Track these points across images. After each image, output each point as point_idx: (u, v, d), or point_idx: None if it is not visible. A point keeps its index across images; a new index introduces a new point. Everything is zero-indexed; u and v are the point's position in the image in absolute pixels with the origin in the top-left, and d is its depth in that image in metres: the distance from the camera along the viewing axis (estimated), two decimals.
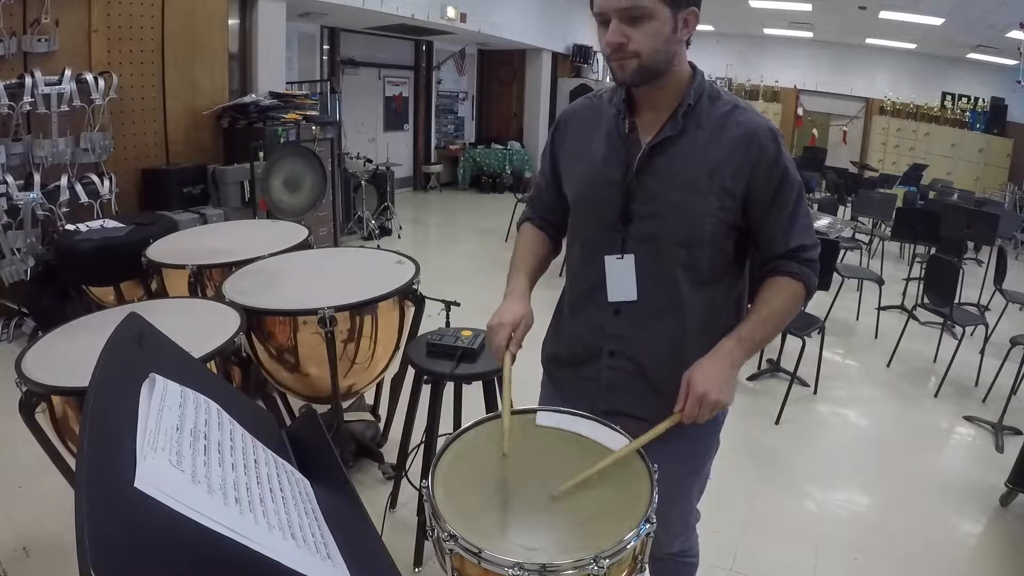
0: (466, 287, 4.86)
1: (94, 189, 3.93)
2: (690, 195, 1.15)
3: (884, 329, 4.64)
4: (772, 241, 1.20)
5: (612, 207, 1.20)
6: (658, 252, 1.18)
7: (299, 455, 0.90)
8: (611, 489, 1.01)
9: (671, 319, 1.20)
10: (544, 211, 1.41)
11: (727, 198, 1.15)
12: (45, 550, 2.09)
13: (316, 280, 2.29)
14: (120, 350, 0.73)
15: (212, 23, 4.97)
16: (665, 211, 1.16)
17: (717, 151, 1.14)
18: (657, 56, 1.09)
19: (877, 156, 11.96)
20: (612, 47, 1.09)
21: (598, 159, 1.23)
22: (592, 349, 1.27)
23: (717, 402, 1.09)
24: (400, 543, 2.09)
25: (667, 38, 1.09)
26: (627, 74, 1.11)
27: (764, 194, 1.16)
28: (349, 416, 2.73)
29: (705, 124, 1.16)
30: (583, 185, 1.25)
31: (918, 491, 2.75)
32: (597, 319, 1.25)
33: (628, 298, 1.21)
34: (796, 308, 1.22)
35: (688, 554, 1.53)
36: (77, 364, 1.52)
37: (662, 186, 1.16)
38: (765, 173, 1.15)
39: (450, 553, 0.91)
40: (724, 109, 1.16)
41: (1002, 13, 7.50)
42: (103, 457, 0.56)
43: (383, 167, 6.90)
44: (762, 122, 1.16)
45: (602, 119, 1.25)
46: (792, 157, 1.19)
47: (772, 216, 1.18)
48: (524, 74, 10.42)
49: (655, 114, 1.18)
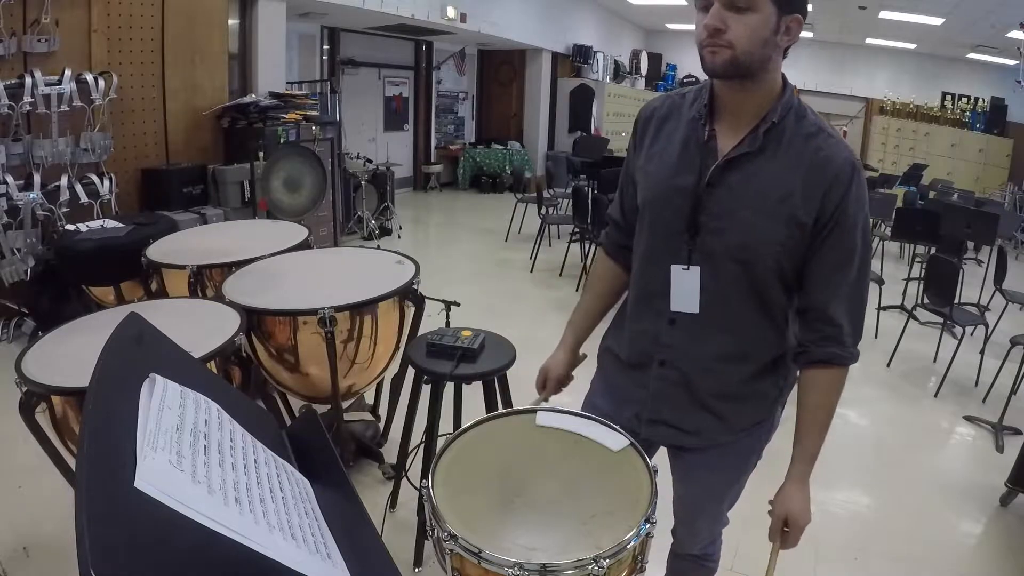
0: (466, 287, 4.86)
1: (94, 189, 3.93)
2: (757, 217, 1.10)
3: (884, 329, 4.64)
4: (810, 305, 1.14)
5: (679, 216, 1.16)
6: (718, 267, 1.15)
7: (299, 455, 0.90)
8: (611, 489, 1.02)
9: (725, 336, 1.19)
10: (624, 221, 1.36)
11: (795, 227, 1.09)
12: (45, 550, 2.09)
13: (316, 280, 2.29)
14: (120, 350, 0.73)
15: (212, 23, 4.97)
16: (731, 228, 1.12)
17: (793, 175, 1.09)
18: (752, 53, 1.04)
19: (877, 156, 11.96)
20: (709, 31, 1.03)
21: (672, 164, 1.18)
22: (645, 356, 1.26)
23: (806, 524, 1.15)
24: (400, 543, 2.09)
25: (766, 39, 1.04)
26: (717, 62, 1.05)
27: (820, 233, 1.10)
28: (349, 416, 2.73)
29: (787, 145, 1.10)
30: (654, 188, 1.21)
31: (918, 491, 2.75)
32: (652, 327, 1.24)
33: (690, 310, 1.18)
34: (839, 393, 1.19)
35: (710, 559, 1.54)
36: (77, 364, 1.52)
37: (732, 202, 1.12)
38: (829, 210, 1.08)
39: (450, 553, 0.91)
40: (809, 131, 1.11)
41: (1002, 13, 7.50)
42: (103, 457, 0.56)
43: (383, 167, 6.90)
44: (845, 153, 1.10)
45: (681, 121, 1.20)
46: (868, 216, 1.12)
47: (815, 264, 1.12)
48: (524, 74, 10.42)
49: (736, 123, 1.13)
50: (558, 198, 6.89)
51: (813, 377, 1.16)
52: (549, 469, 1.06)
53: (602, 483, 1.03)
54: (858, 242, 1.10)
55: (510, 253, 6.35)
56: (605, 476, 1.04)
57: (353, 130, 7.95)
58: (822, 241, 1.10)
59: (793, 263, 1.13)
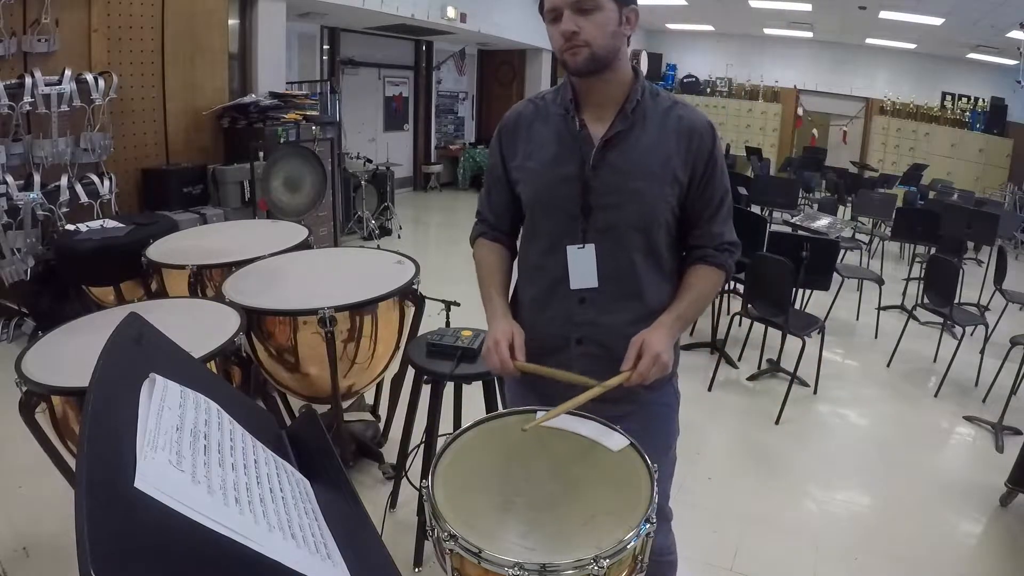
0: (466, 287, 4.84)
1: (94, 189, 3.93)
2: (648, 184, 1.25)
3: (884, 329, 4.64)
4: (702, 233, 1.32)
5: (572, 201, 1.27)
6: (617, 240, 1.27)
7: (299, 455, 0.90)
8: (611, 489, 1.02)
9: (633, 301, 1.29)
10: (497, 220, 1.44)
11: (676, 185, 1.26)
12: (45, 550, 2.09)
13: (316, 280, 2.29)
14: (120, 350, 0.73)
15: (212, 23, 4.97)
16: (624, 201, 1.25)
17: (666, 143, 1.25)
18: (605, 46, 1.19)
19: (877, 156, 11.95)
20: (566, 36, 1.18)
21: (551, 157, 1.29)
22: (560, 338, 1.32)
23: (666, 365, 1.20)
24: (400, 543, 2.09)
25: (614, 31, 1.19)
26: (579, 62, 1.19)
27: (699, 183, 1.28)
28: (349, 416, 2.73)
29: (651, 119, 1.26)
30: (539, 183, 1.31)
31: (918, 491, 2.75)
32: (563, 309, 1.31)
33: (589, 285, 1.28)
34: (716, 292, 1.40)
35: (666, 551, 1.47)
36: (77, 364, 1.52)
37: (620, 178, 1.25)
38: (702, 164, 1.26)
39: (450, 553, 0.91)
40: (666, 105, 1.28)
41: (1002, 13, 7.50)
42: (103, 457, 0.56)
43: (383, 167, 6.91)
44: (702, 117, 1.29)
45: (548, 119, 1.32)
46: (726, 156, 1.30)
47: (700, 205, 1.30)
48: (524, 74, 10.43)
49: (601, 111, 1.27)
50: None
51: (705, 271, 1.33)
52: (549, 469, 1.06)
53: (602, 483, 1.03)
54: (725, 183, 1.32)
55: None
56: (605, 476, 1.04)
57: (353, 130, 7.95)
58: (701, 190, 1.29)
59: (675, 216, 1.30)
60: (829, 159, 10.80)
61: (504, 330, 1.28)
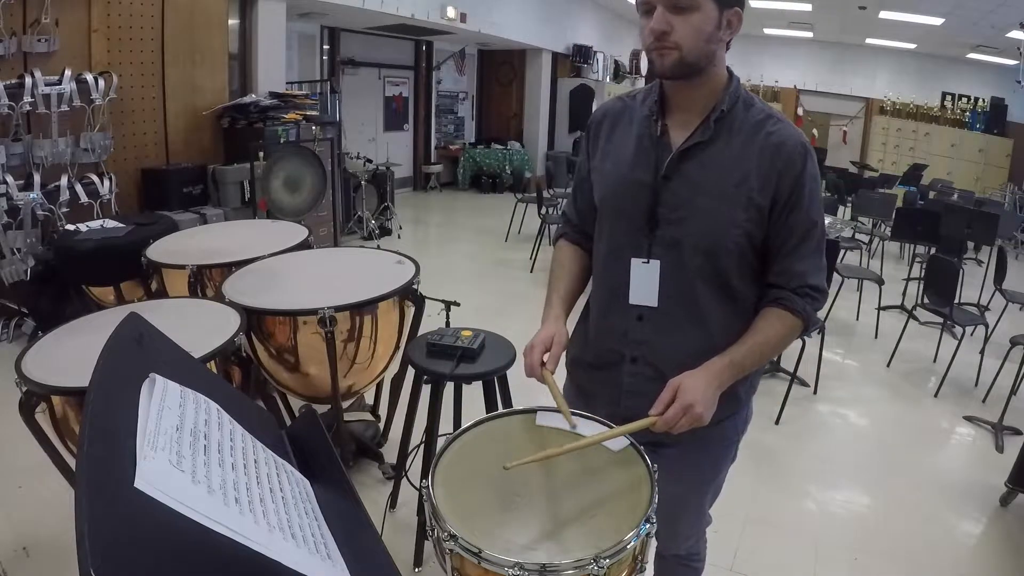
0: (466, 287, 4.86)
1: (94, 189, 3.93)
2: (717, 203, 1.13)
3: (884, 329, 4.64)
4: (781, 269, 1.17)
5: (639, 210, 1.18)
6: (680, 260, 1.17)
7: (299, 455, 0.89)
8: (611, 489, 1.01)
9: (696, 329, 1.19)
10: (579, 219, 1.38)
11: (753, 209, 1.13)
12: (45, 550, 2.09)
13: (316, 280, 2.29)
14: (120, 350, 0.73)
15: (212, 23, 4.97)
16: (691, 217, 1.15)
17: (747, 160, 1.12)
18: (698, 51, 1.08)
19: (877, 156, 11.97)
20: (655, 35, 1.07)
21: (627, 160, 1.21)
22: (615, 354, 1.26)
23: (700, 417, 1.05)
24: (400, 543, 2.10)
25: (709, 35, 1.07)
26: (666, 65, 1.09)
27: (781, 210, 1.13)
28: (349, 416, 2.73)
29: (738, 132, 1.14)
30: (611, 186, 1.24)
31: (918, 491, 2.75)
32: (620, 324, 1.24)
33: (649, 303, 1.20)
34: (789, 342, 1.22)
35: (695, 558, 1.53)
36: (77, 364, 1.52)
37: (689, 192, 1.15)
38: (787, 188, 1.12)
39: (450, 553, 0.91)
40: (758, 118, 1.15)
41: (1002, 13, 7.50)
42: (103, 457, 0.56)
43: (383, 167, 6.90)
44: (796, 135, 1.14)
45: (634, 120, 1.23)
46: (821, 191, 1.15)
47: (781, 236, 1.15)
48: (524, 74, 10.42)
49: (687, 117, 1.17)
50: (558, 198, 6.89)
51: (778, 316, 1.17)
52: (549, 469, 1.06)
53: (602, 483, 1.03)
54: (816, 216, 1.15)
55: (510, 253, 6.35)
56: (605, 476, 1.04)
57: (353, 130, 7.95)
58: (784, 218, 1.14)
59: (753, 246, 1.16)
60: (829, 159, 10.82)
61: (544, 336, 1.21)
